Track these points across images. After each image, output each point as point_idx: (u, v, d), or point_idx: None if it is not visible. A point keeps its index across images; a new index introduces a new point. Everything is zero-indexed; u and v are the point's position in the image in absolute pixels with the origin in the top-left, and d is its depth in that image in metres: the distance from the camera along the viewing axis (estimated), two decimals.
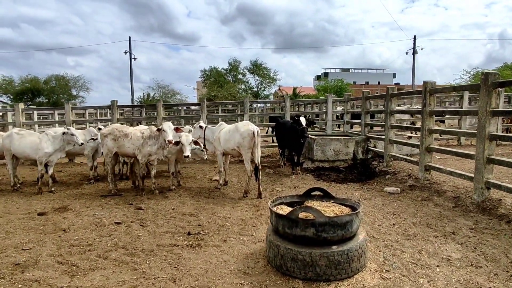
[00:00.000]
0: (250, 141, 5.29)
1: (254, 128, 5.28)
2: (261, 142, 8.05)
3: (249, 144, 5.31)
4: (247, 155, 5.41)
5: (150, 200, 5.33)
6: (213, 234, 3.88)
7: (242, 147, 5.41)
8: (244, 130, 5.31)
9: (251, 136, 5.27)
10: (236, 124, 5.65)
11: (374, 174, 7.05)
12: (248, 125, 5.35)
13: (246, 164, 5.49)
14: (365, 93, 7.99)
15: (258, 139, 5.40)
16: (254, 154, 5.35)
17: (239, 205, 5.04)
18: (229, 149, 5.74)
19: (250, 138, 5.28)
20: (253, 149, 5.33)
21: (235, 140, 5.49)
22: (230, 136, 5.63)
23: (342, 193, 5.56)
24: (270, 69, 40.38)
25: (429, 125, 5.43)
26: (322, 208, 3.15)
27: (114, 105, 8.81)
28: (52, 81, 39.98)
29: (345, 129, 9.37)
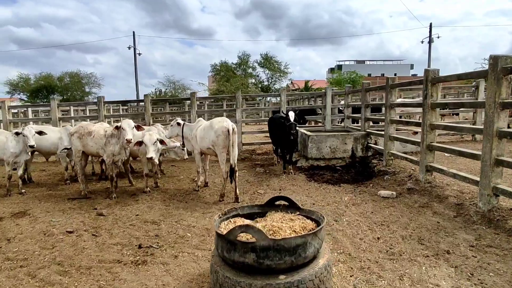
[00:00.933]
0: (224, 139, 4.75)
1: (229, 125, 4.73)
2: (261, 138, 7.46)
3: (224, 142, 4.77)
4: (221, 154, 4.88)
5: (117, 204, 4.90)
6: (166, 248, 3.39)
7: (216, 145, 4.88)
8: (218, 127, 4.78)
9: (225, 133, 4.72)
10: (212, 120, 5.12)
11: (372, 174, 6.38)
12: (223, 122, 4.81)
13: (221, 165, 4.96)
14: (365, 84, 7.27)
15: (234, 137, 4.85)
16: (230, 153, 4.80)
17: (211, 211, 4.53)
18: (205, 147, 5.23)
19: (225, 136, 4.74)
20: (228, 148, 4.78)
21: (210, 138, 4.97)
22: (205, 133, 5.11)
23: (330, 197, 4.96)
24: (281, 62, 39.45)
25: (431, 119, 4.72)
26: (278, 224, 2.60)
27: (101, 101, 8.46)
28: (66, 78, 40.56)
29: (346, 124, 8.66)
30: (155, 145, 4.57)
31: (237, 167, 7.76)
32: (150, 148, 4.47)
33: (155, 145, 4.56)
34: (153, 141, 4.52)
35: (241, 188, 5.65)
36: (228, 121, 4.82)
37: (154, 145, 4.55)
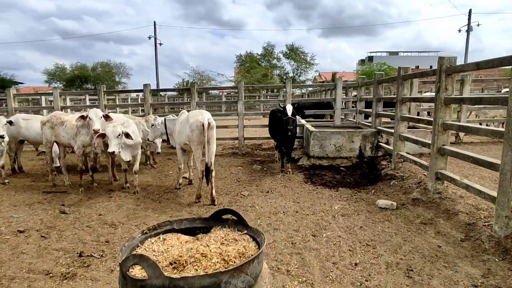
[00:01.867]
0: (199, 135, 4.24)
1: (204, 119, 4.20)
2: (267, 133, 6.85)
3: (198, 138, 4.26)
4: (196, 151, 4.37)
5: (88, 200, 4.59)
6: (108, 258, 2.98)
7: (191, 141, 4.39)
8: (193, 121, 4.27)
9: (200, 128, 4.21)
10: (189, 113, 4.62)
11: (379, 177, 5.61)
12: (198, 115, 4.28)
13: (196, 163, 4.46)
14: (377, 75, 6.41)
15: (211, 132, 4.31)
16: (205, 150, 4.28)
17: (180, 214, 4.07)
18: (182, 143, 4.76)
19: (199, 131, 4.22)
20: (204, 145, 4.26)
21: (185, 133, 4.48)
22: (181, 128, 4.63)
23: (319, 204, 4.31)
24: (307, 53, 38.15)
25: (444, 117, 3.90)
26: (211, 247, 2.06)
27: (101, 90, 8.26)
28: (98, 68, 42.00)
29: (358, 120, 7.82)
30: (119, 139, 4.15)
31: (235, 163, 7.35)
32: (113, 141, 4.06)
33: (119, 139, 4.14)
34: (117, 134, 4.10)
35: (226, 188, 5.16)
36: (205, 115, 4.29)
37: (118, 139, 4.13)
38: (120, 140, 4.18)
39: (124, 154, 4.51)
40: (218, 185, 5.39)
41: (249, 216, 3.95)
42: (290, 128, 5.63)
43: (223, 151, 8.49)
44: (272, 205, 4.32)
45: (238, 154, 8.03)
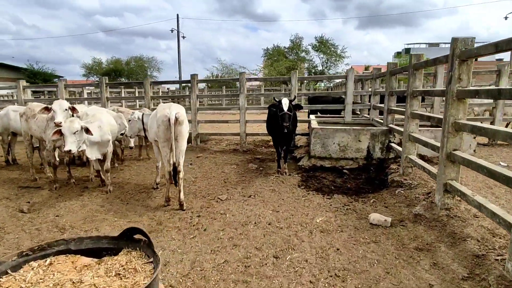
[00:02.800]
0: (165, 131, 3.75)
1: (171, 113, 3.70)
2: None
3: (164, 134, 3.78)
4: (163, 149, 3.90)
5: (56, 199, 4.33)
6: None
7: (158, 138, 3.93)
8: (160, 116, 3.79)
9: (166, 124, 3.72)
10: (158, 106, 4.15)
11: (385, 183, 4.82)
12: (165, 109, 3.79)
13: (164, 162, 3.99)
14: (390, 65, 5.53)
15: (180, 128, 3.81)
16: (172, 149, 3.79)
17: (140, 219, 3.65)
18: (153, 139, 4.32)
19: (165, 127, 3.74)
20: (171, 142, 3.77)
21: (154, 128, 4.03)
22: (151, 123, 4.19)
23: (301, 215, 3.68)
24: (337, 46, 36.56)
25: (456, 115, 3.09)
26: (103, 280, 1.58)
27: (103, 82, 8.10)
28: (132, 63, 43.37)
29: (372, 117, 6.95)
30: (78, 135, 3.77)
31: (232, 161, 6.83)
32: (69, 138, 3.67)
33: (77, 135, 3.75)
34: (73, 130, 3.71)
35: (207, 190, 4.68)
36: (174, 108, 3.78)
37: (76, 135, 3.74)
38: (79, 137, 3.79)
39: (90, 152, 4.14)
40: (201, 185, 4.93)
41: (214, 226, 3.43)
42: (286, 125, 4.99)
43: (225, 147, 8.02)
44: (246, 213, 3.76)
45: (239, 151, 7.51)
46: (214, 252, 2.88)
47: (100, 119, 4.22)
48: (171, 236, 3.21)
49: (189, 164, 6.30)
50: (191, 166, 6.18)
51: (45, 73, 38.06)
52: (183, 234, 3.25)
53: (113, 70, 41.73)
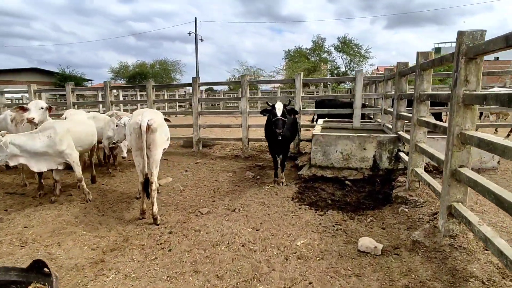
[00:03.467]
0: (136, 139, 3.47)
1: (143, 120, 3.41)
2: None
3: (136, 143, 3.50)
4: (135, 158, 3.62)
5: (32, 207, 4.19)
6: None
7: (131, 146, 3.66)
8: (131, 123, 3.52)
9: (137, 132, 3.44)
10: (133, 113, 3.88)
11: (389, 198, 4.28)
12: (137, 116, 3.52)
13: (138, 172, 3.70)
14: (400, 65, 4.95)
15: (152, 136, 3.51)
16: (144, 158, 3.50)
17: (108, 235, 3.38)
18: (129, 147, 4.07)
19: (136, 135, 3.46)
20: (143, 151, 3.48)
21: (127, 136, 3.77)
22: (126, 130, 3.93)
23: (282, 234, 3.26)
24: (361, 46, 35.40)
25: (462, 124, 2.55)
26: None
27: (107, 86, 8.07)
28: (157, 66, 44.47)
29: (383, 122, 6.34)
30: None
31: (230, 168, 6.47)
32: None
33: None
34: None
35: (190, 202, 4.37)
36: (147, 115, 3.49)
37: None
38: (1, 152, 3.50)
39: (36, 164, 3.86)
40: (187, 195, 4.64)
41: (181, 245, 3.09)
42: (279, 132, 4.58)
43: (229, 152, 7.71)
44: (223, 231, 3.39)
45: (241, 157, 7.16)
46: (169, 279, 2.54)
47: (54, 128, 3.93)
48: (132, 257, 2.91)
49: (184, 171, 6.04)
50: (186, 173, 5.91)
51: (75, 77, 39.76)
52: (145, 254, 2.94)
53: (138, 73, 42.86)
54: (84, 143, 4.41)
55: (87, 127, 4.49)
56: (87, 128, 4.49)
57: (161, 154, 3.72)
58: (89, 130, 4.53)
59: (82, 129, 4.36)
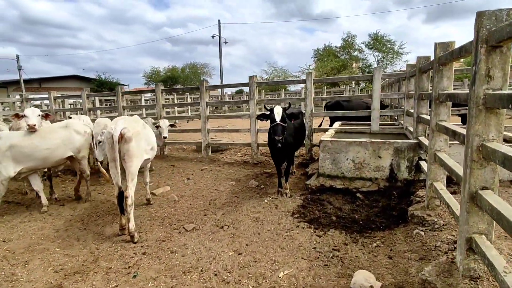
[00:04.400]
0: (109, 149, 3.19)
1: (116, 129, 3.11)
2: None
3: (109, 153, 3.21)
4: (110, 169, 3.33)
5: (22, 217, 4.08)
6: None
7: (108, 156, 3.38)
8: (105, 132, 3.25)
9: (110, 142, 3.16)
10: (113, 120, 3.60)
11: (404, 216, 3.64)
12: (111, 125, 3.23)
13: (114, 184, 3.41)
14: (421, 60, 4.25)
15: (127, 146, 3.20)
16: (118, 169, 3.20)
17: (76, 254, 3.13)
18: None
19: (109, 145, 3.17)
20: (116, 162, 3.18)
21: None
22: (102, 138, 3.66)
23: (265, 262, 2.80)
24: (394, 42, 33.61)
25: (485, 133, 1.94)
26: None
27: (119, 91, 8.04)
28: (187, 69, 45.51)
29: (406, 125, 5.60)
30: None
31: (235, 175, 6.05)
32: None
33: None
34: None
35: (178, 215, 4.04)
36: (121, 123, 3.19)
37: None
38: None
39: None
40: (179, 208, 4.32)
41: (149, 271, 2.74)
42: (278, 139, 4.11)
43: (239, 158, 7.33)
44: (201, 254, 3.00)
45: (249, 163, 6.75)
46: None
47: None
48: (92, 283, 2.61)
49: (186, 179, 5.76)
50: (187, 182, 5.61)
51: (110, 82, 41.73)
52: (107, 281, 2.63)
53: (169, 77, 44.10)
54: (38, 159, 4.01)
55: (48, 140, 4.05)
56: (46, 142, 4.04)
57: (139, 165, 3.41)
58: (50, 144, 4.06)
59: (37, 143, 3.96)
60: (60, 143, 4.12)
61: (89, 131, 4.46)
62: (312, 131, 6.34)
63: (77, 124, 4.39)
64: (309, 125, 6.26)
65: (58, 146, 4.10)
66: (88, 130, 4.45)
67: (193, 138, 8.87)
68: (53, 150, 4.08)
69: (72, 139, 4.23)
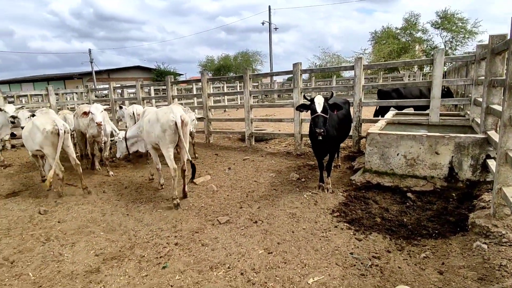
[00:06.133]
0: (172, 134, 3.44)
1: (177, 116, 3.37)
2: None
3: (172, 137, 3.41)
4: (169, 152, 3.40)
5: (74, 202, 4.44)
6: None
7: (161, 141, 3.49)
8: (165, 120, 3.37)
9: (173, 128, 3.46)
10: (157, 111, 3.71)
11: (463, 225, 3.15)
12: (169, 113, 3.56)
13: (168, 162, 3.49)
14: (494, 39, 3.55)
15: (186, 129, 3.39)
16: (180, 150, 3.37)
17: (116, 239, 3.28)
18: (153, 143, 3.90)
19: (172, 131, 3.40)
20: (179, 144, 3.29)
21: (156, 132, 3.62)
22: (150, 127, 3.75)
23: (295, 264, 2.63)
24: (467, 20, 29.83)
25: None
26: None
27: (168, 81, 8.32)
28: (239, 58, 46.11)
29: (473, 116, 4.83)
30: None
31: (277, 167, 5.87)
32: None
33: None
34: None
35: (214, 206, 4.05)
36: (177, 111, 3.42)
37: None
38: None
39: None
40: (217, 198, 4.33)
41: (178, 263, 2.76)
42: (319, 131, 3.83)
43: (283, 148, 7.15)
44: (230, 249, 2.94)
45: (292, 154, 6.53)
46: None
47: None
48: (125, 270, 2.70)
49: (227, 169, 5.76)
50: (228, 171, 5.61)
51: (169, 72, 43.99)
52: (138, 269, 2.71)
53: (222, 66, 45.03)
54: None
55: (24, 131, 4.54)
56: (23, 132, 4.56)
57: None
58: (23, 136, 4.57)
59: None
60: (28, 136, 4.49)
61: (50, 128, 4.25)
62: (361, 122, 5.86)
63: (39, 121, 4.35)
64: (357, 115, 5.79)
65: (26, 138, 4.53)
66: (49, 128, 4.24)
67: (240, 127, 8.89)
68: (25, 141, 4.61)
69: (34, 135, 4.36)
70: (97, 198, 4.50)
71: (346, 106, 4.95)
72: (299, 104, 4.28)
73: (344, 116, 4.66)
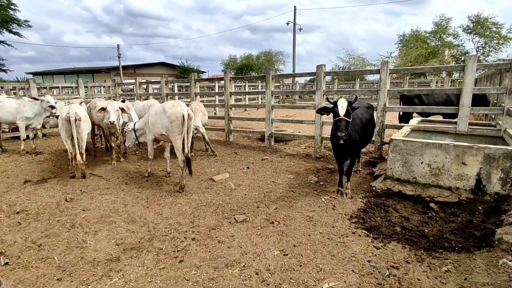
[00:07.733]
0: (180, 126, 3.63)
1: (184, 110, 3.51)
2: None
3: (180, 129, 3.47)
4: (178, 143, 3.49)
5: (99, 191, 4.61)
6: None
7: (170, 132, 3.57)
8: (172, 112, 3.45)
9: (180, 120, 3.58)
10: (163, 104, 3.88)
11: (489, 240, 3.02)
12: (177, 106, 3.71)
13: (177, 152, 3.59)
14: None
15: (190, 122, 3.51)
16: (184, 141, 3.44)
17: (136, 230, 3.38)
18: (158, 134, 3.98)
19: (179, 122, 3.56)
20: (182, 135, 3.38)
21: (163, 123, 3.70)
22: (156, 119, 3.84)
23: (312, 268, 2.62)
24: (502, 25, 28.49)
25: None
26: None
27: (192, 78, 8.46)
28: (261, 57, 46.19)
29: (505, 126, 4.60)
30: None
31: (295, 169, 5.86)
32: None
33: None
34: None
35: (232, 204, 4.08)
36: (183, 105, 3.49)
37: None
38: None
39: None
40: (235, 196, 4.36)
41: (194, 258, 2.81)
42: (341, 135, 3.79)
43: (303, 150, 7.11)
44: (246, 249, 2.96)
45: (311, 157, 6.48)
46: None
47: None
48: (144, 261, 2.79)
49: (246, 168, 5.80)
50: (246, 171, 5.65)
51: (192, 69, 44.64)
52: (156, 261, 2.78)
53: (245, 65, 45.26)
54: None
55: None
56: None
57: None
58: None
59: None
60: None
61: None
62: (384, 127, 5.73)
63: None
64: (381, 120, 5.67)
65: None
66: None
67: (260, 126, 8.93)
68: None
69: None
70: (119, 190, 4.65)
71: (370, 110, 4.86)
72: (321, 106, 4.23)
73: (367, 120, 4.58)
